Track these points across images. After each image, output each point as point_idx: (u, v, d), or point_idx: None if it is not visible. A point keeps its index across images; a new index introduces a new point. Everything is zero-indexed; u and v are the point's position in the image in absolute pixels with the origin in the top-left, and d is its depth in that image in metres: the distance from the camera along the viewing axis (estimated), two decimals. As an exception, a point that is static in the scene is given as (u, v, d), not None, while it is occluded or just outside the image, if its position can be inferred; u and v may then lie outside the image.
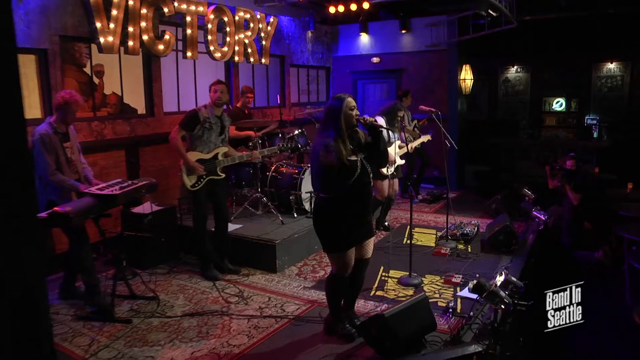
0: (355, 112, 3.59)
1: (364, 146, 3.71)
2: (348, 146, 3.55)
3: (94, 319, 4.42)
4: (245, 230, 5.83)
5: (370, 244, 3.95)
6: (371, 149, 3.70)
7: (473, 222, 6.61)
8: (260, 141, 6.30)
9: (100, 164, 6.11)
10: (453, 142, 6.12)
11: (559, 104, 11.01)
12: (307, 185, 6.24)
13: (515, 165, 10.87)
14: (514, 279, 4.13)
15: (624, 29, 9.20)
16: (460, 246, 6.02)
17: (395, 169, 6.47)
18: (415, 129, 8.29)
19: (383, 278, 5.17)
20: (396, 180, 6.58)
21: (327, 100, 3.94)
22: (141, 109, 6.71)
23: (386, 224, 6.81)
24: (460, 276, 5.01)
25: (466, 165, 9.97)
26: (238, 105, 7.07)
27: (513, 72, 11.43)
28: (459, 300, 4.58)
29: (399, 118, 6.27)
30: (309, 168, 6.09)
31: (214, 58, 7.33)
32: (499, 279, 4.16)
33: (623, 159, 9.22)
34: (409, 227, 6.76)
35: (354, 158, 3.58)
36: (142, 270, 5.51)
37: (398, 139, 6.40)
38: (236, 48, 7.63)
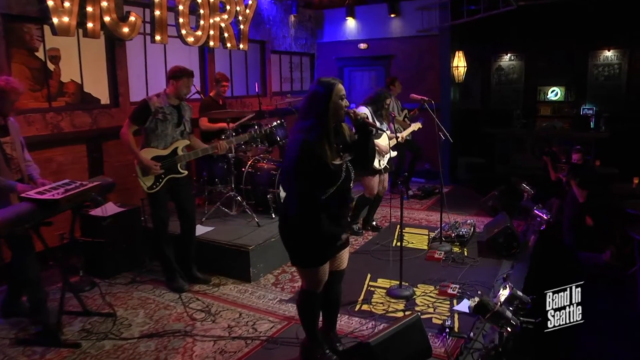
0: (345, 102, 2.90)
1: (350, 146, 3.04)
2: (333, 145, 2.87)
3: (36, 343, 3.76)
4: (217, 233, 5.18)
5: (346, 253, 3.29)
6: (358, 151, 3.04)
7: (469, 221, 6.00)
8: (234, 134, 5.63)
9: (58, 161, 5.42)
10: (448, 135, 5.49)
11: (554, 93, 10.42)
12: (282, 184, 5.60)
13: (510, 157, 10.27)
14: (520, 293, 3.53)
15: (622, 15, 8.60)
16: (456, 249, 5.42)
17: (388, 162, 5.84)
18: (406, 119, 7.65)
19: (370, 289, 4.55)
20: (386, 176, 5.96)
21: (317, 82, 2.98)
22: (104, 98, 6.01)
23: (374, 223, 6.19)
24: (457, 287, 4.41)
25: (459, 157, 9.36)
26: (211, 94, 6.39)
27: (507, 60, 10.81)
28: (456, 316, 3.98)
29: (386, 106, 5.64)
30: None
31: (186, 43, 6.62)
32: (503, 293, 3.56)
33: (623, 151, 8.65)
34: (398, 226, 6.17)
35: (338, 162, 2.89)
36: (101, 280, 4.85)
37: (387, 129, 5.76)
38: (211, 32, 6.92)
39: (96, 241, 4.84)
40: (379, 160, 5.64)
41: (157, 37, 6.25)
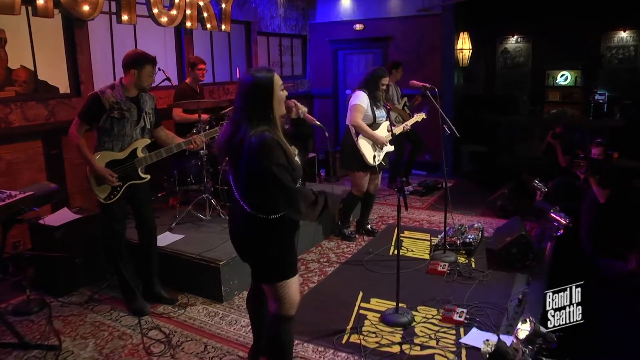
0: (285, 92, 2.49)
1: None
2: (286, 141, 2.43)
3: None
4: (186, 243, 4.42)
5: None
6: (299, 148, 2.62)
7: (476, 224, 5.22)
8: (207, 126, 4.85)
9: (7, 159, 4.65)
10: (454, 129, 4.68)
11: (563, 78, 9.53)
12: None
13: (515, 146, 9.44)
14: (543, 329, 2.78)
15: (639, -8, 7.71)
16: (461, 259, 4.65)
17: (384, 157, 5.06)
18: (406, 108, 6.84)
19: (361, 312, 3.79)
20: (379, 175, 5.18)
21: (252, 75, 2.41)
22: (63, 87, 5.20)
23: (369, 226, 5.41)
24: (464, 311, 3.64)
25: (462, 145, 8.55)
26: (187, 81, 5.58)
27: (512, 42, 9.91)
28: (463, 352, 3.23)
29: (383, 87, 4.85)
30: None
31: (159, 23, 5.79)
32: (523, 329, 2.81)
33: (640, 141, 7.83)
34: (396, 230, 5.40)
35: (296, 158, 2.51)
36: (54, 299, 4.11)
37: (383, 117, 4.96)
38: (188, 12, 6.08)
39: (47, 255, 4.09)
40: (374, 155, 4.85)
41: (124, 17, 5.42)
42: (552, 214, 4.92)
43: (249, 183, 2.34)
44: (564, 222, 4.81)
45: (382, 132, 4.91)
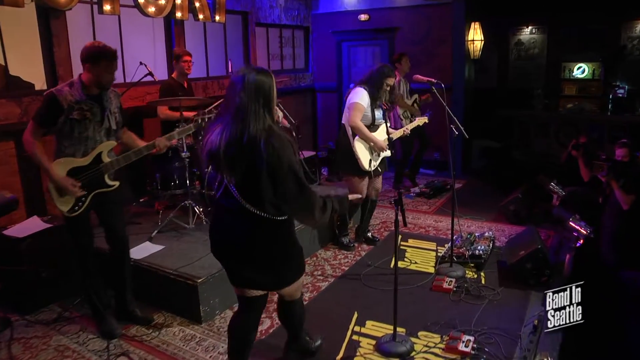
0: None
1: None
2: None
3: None
4: (165, 256, 3.96)
5: None
6: None
7: (486, 233, 4.68)
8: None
9: (-24, 162, 4.22)
10: (462, 129, 4.14)
11: (580, 70, 8.90)
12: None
13: (530, 142, 8.84)
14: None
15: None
16: (470, 274, 4.13)
17: (381, 162, 4.53)
18: (416, 104, 6.28)
19: (354, 338, 3.30)
20: (379, 178, 4.66)
21: (256, 73, 2.25)
22: (40, 83, 4.76)
23: (370, 234, 4.90)
24: (471, 339, 3.13)
25: (473, 140, 7.97)
26: (173, 75, 5.09)
27: (527, 33, 9.28)
28: (470, 393, 2.73)
29: (388, 88, 4.33)
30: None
31: (145, 14, 5.31)
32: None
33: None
34: (400, 237, 4.89)
35: None
36: (20, 317, 3.69)
37: (382, 118, 4.45)
38: (178, 1, 5.59)
39: (9, 269, 3.66)
40: (370, 160, 4.33)
41: (106, 7, 4.95)
42: (571, 223, 4.38)
43: (262, 181, 2.19)
44: (585, 232, 4.27)
45: (381, 134, 4.39)
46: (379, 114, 4.36)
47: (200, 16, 5.89)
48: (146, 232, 4.37)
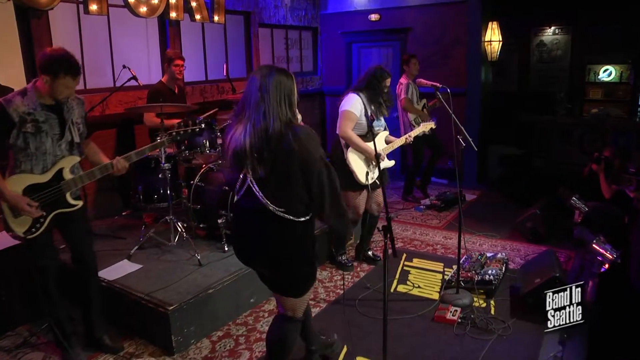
0: None
1: None
2: None
3: None
4: (140, 277, 3.57)
5: None
6: None
7: (499, 254, 4.17)
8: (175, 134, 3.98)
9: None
10: (470, 140, 3.65)
11: (607, 73, 8.27)
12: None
13: (551, 150, 8.24)
14: None
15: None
16: (478, 301, 3.63)
17: (381, 174, 4.06)
18: (425, 109, 5.79)
19: (342, 379, 2.86)
20: (379, 190, 4.18)
21: (276, 70, 2.22)
22: (20, 87, 4.41)
23: (370, 253, 4.43)
24: (476, 387, 2.67)
25: (490, 145, 7.42)
26: (163, 79, 4.72)
27: (550, 33, 8.70)
28: None
29: (386, 90, 3.88)
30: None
31: (136, 14, 4.95)
32: None
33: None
34: (404, 257, 4.42)
35: None
36: (-18, 341, 3.35)
37: (382, 126, 4.00)
38: (172, 0, 5.22)
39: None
40: (367, 172, 3.87)
41: (93, 7, 4.61)
42: (594, 246, 3.84)
43: (292, 176, 2.16)
44: (611, 256, 3.73)
45: (380, 144, 3.94)
46: (378, 122, 3.91)
47: (198, 17, 5.52)
48: (128, 248, 4.00)
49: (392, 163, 4.07)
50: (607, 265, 3.83)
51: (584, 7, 7.82)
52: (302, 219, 2.25)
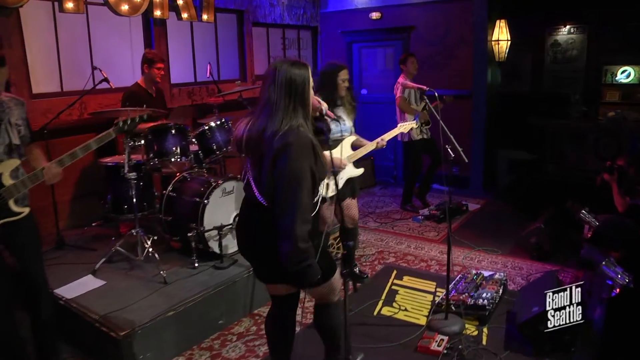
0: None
1: None
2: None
3: None
4: (100, 295, 3.27)
5: None
6: None
7: (497, 275, 3.76)
8: (150, 137, 3.68)
9: None
10: (461, 151, 3.24)
11: (625, 74, 7.76)
12: (214, 214, 3.60)
13: (563, 154, 7.75)
14: None
15: None
16: (469, 329, 3.24)
17: (351, 184, 3.67)
18: (425, 110, 5.38)
19: None
20: (354, 202, 3.79)
21: (289, 66, 2.09)
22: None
23: (356, 269, 4.05)
24: None
25: (499, 150, 6.97)
26: (140, 81, 4.42)
27: (564, 33, 8.20)
28: None
29: (345, 84, 3.52)
30: (224, 182, 3.55)
31: (117, 12, 4.66)
32: None
33: None
34: (394, 275, 4.05)
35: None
36: None
37: (347, 130, 3.62)
38: (156, -2, 4.93)
39: None
40: (327, 184, 3.41)
41: (69, 5, 4.34)
42: (604, 268, 3.42)
43: (268, 177, 2.06)
44: (621, 281, 3.30)
45: (345, 150, 3.54)
46: (337, 126, 3.50)
47: (185, 15, 5.21)
48: (97, 262, 3.70)
49: (359, 172, 3.65)
50: (617, 290, 3.40)
51: (601, 5, 7.32)
52: None
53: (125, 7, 4.71)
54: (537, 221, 4.47)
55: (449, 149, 3.19)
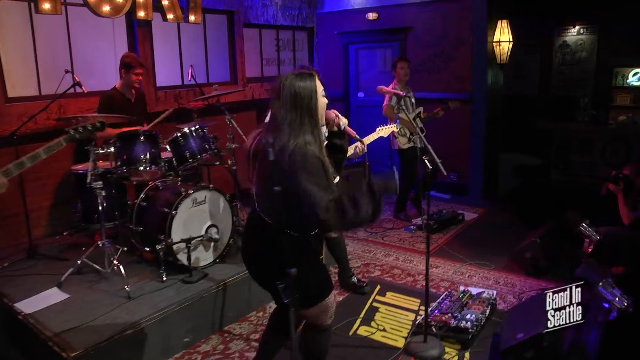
0: (326, 100, 2.18)
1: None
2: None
3: None
4: (61, 310, 3.10)
5: None
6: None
7: (485, 293, 3.50)
8: (118, 144, 3.50)
9: None
10: (440, 162, 2.98)
11: (637, 77, 7.46)
12: (185, 226, 3.41)
13: (570, 160, 7.44)
14: None
15: None
16: (449, 353, 2.99)
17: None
18: (418, 120, 5.12)
19: None
20: None
21: (293, 79, 2.04)
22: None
23: (354, 279, 3.81)
24: None
25: (501, 155, 6.68)
26: (117, 86, 4.24)
27: (574, 33, 7.91)
28: None
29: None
30: (195, 192, 3.36)
31: (98, 14, 4.50)
32: None
33: None
34: (377, 290, 3.82)
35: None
36: None
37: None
38: (139, -2, 4.76)
39: None
40: None
41: (45, 5, 4.17)
42: (600, 289, 3.15)
43: (282, 197, 1.91)
44: (619, 305, 3.04)
45: None
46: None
47: (170, 16, 5.03)
48: (65, 273, 3.54)
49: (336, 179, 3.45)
50: (615, 313, 3.13)
51: (612, 5, 7.00)
52: (302, 235, 2.10)
53: (106, 8, 4.54)
54: (533, 234, 4.19)
55: (426, 161, 2.94)
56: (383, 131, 3.67)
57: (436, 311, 3.28)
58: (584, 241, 4.06)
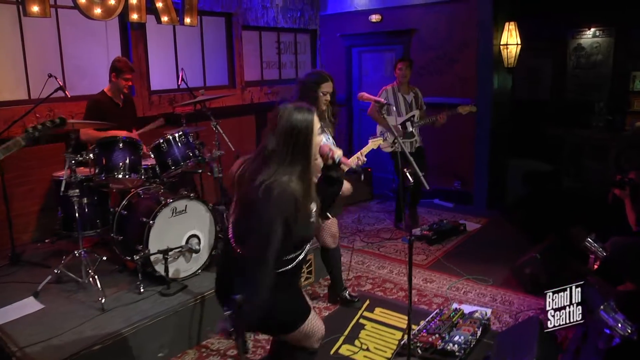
0: (322, 137, 2.42)
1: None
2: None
3: None
4: (33, 322, 3.02)
5: None
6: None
7: (478, 311, 3.31)
8: (97, 150, 3.40)
9: None
10: (422, 176, 2.78)
11: (656, 81, 7.14)
12: (163, 236, 3.29)
13: (582, 167, 7.16)
14: None
15: None
16: (436, 378, 2.81)
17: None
18: (411, 122, 4.93)
19: None
20: (334, 221, 3.44)
21: (290, 113, 1.99)
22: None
23: (346, 293, 3.66)
24: None
25: (510, 162, 6.45)
26: (106, 90, 4.15)
27: (589, 36, 7.63)
28: None
29: (326, 98, 3.15)
30: (174, 201, 3.26)
31: (89, 17, 4.42)
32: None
33: None
34: (365, 305, 3.66)
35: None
36: None
37: (329, 140, 3.26)
38: (132, 0, 4.66)
39: None
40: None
41: (34, 8, 4.10)
42: (602, 314, 2.93)
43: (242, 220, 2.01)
44: (622, 331, 2.82)
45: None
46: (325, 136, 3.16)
47: (165, 19, 4.94)
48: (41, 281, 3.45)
49: None
50: (618, 339, 2.91)
51: (629, 6, 6.71)
52: (280, 269, 2.01)
53: (98, 11, 4.46)
54: (533, 249, 3.97)
55: (407, 174, 2.76)
56: (374, 143, 3.51)
57: (424, 331, 3.10)
58: (589, 257, 3.85)
